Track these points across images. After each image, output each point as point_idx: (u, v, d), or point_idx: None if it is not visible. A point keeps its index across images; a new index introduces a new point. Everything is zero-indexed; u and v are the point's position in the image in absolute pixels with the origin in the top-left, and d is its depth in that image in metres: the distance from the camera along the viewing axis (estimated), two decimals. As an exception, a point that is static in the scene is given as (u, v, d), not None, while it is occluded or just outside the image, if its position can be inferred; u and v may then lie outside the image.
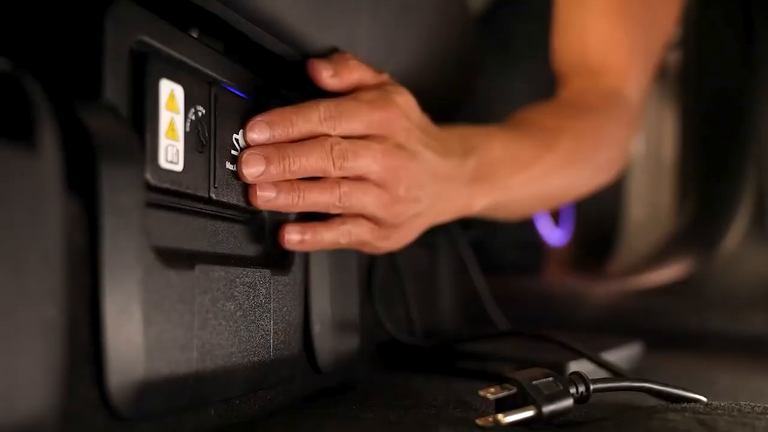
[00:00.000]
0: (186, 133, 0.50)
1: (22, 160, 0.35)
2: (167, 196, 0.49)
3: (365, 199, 0.62)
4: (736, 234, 1.36)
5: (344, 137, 0.60)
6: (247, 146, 0.56)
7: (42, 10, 0.46)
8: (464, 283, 1.05)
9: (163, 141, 0.48)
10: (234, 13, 0.53)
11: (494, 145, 0.77)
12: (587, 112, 0.93)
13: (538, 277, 1.53)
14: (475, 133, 0.77)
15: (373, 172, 0.61)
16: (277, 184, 0.56)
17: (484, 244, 1.17)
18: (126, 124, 0.45)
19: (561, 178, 0.88)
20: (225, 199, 0.54)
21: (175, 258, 0.48)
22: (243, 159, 0.55)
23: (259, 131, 0.55)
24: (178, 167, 0.49)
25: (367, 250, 0.68)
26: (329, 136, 0.59)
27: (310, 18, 0.59)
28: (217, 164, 0.53)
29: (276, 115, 0.57)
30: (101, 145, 0.42)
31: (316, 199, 0.58)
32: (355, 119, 0.60)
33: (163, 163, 0.47)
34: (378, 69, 0.66)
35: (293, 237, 0.59)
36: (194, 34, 0.55)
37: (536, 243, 1.49)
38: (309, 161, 0.57)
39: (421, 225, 0.71)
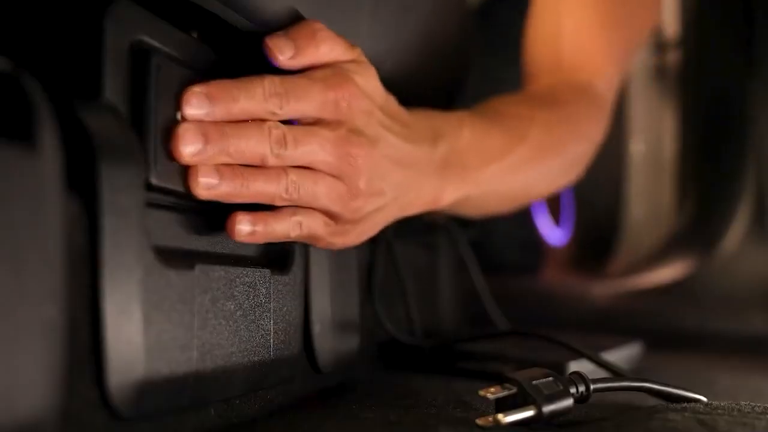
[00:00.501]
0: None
1: (22, 160, 0.35)
2: (168, 196, 0.49)
3: (317, 191, 0.56)
4: (736, 234, 1.36)
5: (291, 121, 0.55)
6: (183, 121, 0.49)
7: (42, 10, 0.46)
8: (464, 282, 1.05)
9: (164, 141, 0.47)
10: (234, 14, 0.52)
11: (463, 131, 0.71)
12: (558, 104, 0.89)
13: (538, 277, 1.53)
14: (444, 117, 0.72)
15: (321, 162, 0.55)
16: (219, 170, 0.50)
17: (484, 244, 1.17)
18: (126, 123, 0.45)
19: (531, 171, 0.83)
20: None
21: (175, 258, 0.48)
22: (179, 133, 0.48)
23: (197, 104, 0.49)
24: (180, 168, 0.49)
25: (321, 245, 0.61)
26: (273, 118, 0.53)
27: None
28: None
29: (216, 87, 0.50)
30: (101, 145, 0.42)
31: (261, 188, 0.52)
32: (305, 99, 0.54)
33: (164, 162, 0.47)
34: (352, 43, 0.59)
35: (244, 228, 0.52)
36: (194, 34, 0.55)
37: (536, 243, 1.49)
38: (247, 145, 0.51)
39: (385, 219, 0.65)
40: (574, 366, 0.78)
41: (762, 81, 1.32)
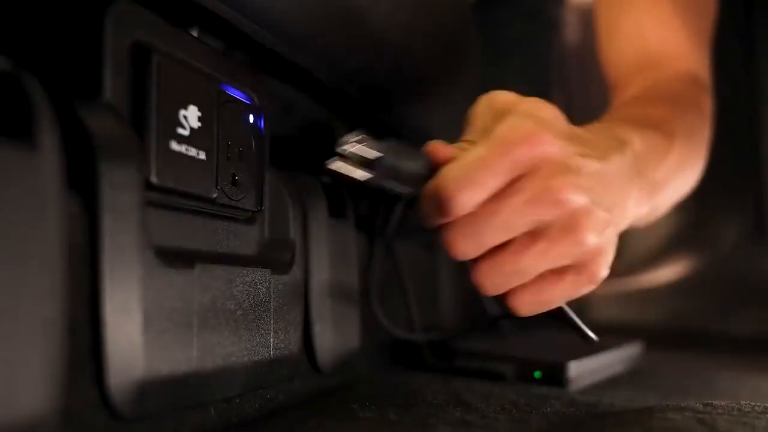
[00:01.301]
0: (188, 133, 0.50)
1: (22, 160, 0.35)
2: (169, 195, 0.49)
3: (544, 257, 0.54)
4: (736, 233, 1.36)
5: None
6: None
7: (42, 10, 0.46)
8: (465, 282, 1.05)
9: (164, 140, 0.47)
10: (236, 13, 0.53)
11: (633, 137, 0.67)
12: (676, 96, 0.87)
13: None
14: (611, 126, 0.68)
15: (525, 224, 0.53)
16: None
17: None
18: (126, 123, 0.45)
19: (685, 166, 0.81)
20: (227, 200, 0.54)
21: (175, 257, 0.48)
22: None
23: None
24: (180, 167, 0.49)
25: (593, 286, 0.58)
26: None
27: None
28: (220, 165, 0.53)
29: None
30: (101, 144, 0.42)
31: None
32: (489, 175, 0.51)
33: (165, 162, 0.47)
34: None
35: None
36: (195, 33, 0.55)
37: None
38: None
39: (613, 239, 0.59)
40: (574, 366, 0.78)
41: (763, 82, 1.32)
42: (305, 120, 0.82)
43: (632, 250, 1.45)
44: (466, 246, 0.53)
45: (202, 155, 0.51)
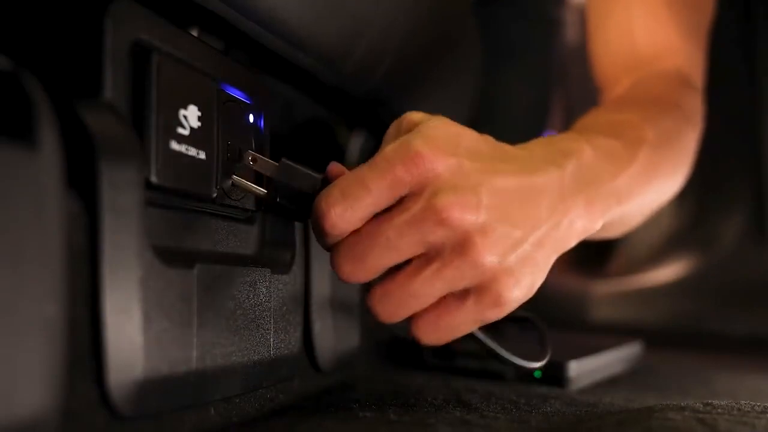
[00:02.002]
0: (188, 133, 0.50)
1: (22, 159, 0.35)
2: (169, 195, 0.49)
3: (439, 281, 0.51)
4: (734, 233, 1.36)
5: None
6: None
7: (42, 9, 0.46)
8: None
9: (164, 140, 0.47)
10: (233, 12, 0.53)
11: (584, 147, 0.63)
12: (657, 97, 0.84)
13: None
14: (560, 138, 0.64)
15: (417, 244, 0.51)
16: None
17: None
18: (126, 122, 0.45)
19: (658, 172, 0.76)
20: (227, 199, 0.54)
21: (175, 257, 0.48)
22: None
23: None
24: (180, 167, 0.49)
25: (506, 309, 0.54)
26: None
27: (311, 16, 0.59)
28: (220, 165, 0.53)
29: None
30: (101, 143, 0.42)
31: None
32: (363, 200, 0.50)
33: (165, 162, 0.47)
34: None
35: None
36: (194, 33, 0.55)
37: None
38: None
39: (547, 256, 0.56)
40: (574, 366, 0.78)
41: (762, 81, 1.32)
42: (305, 119, 0.83)
43: (632, 250, 1.45)
44: (352, 267, 0.51)
45: (202, 155, 0.51)
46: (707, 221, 1.39)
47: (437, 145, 0.51)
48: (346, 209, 0.49)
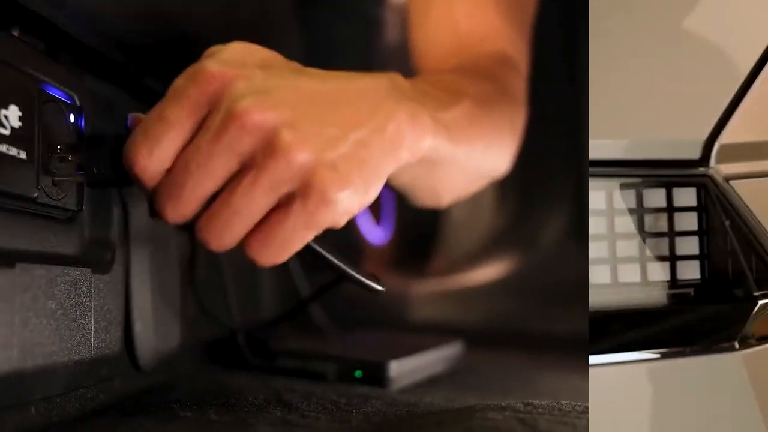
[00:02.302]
0: (9, 133, 0.49)
1: None
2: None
3: (251, 196, 0.49)
4: (556, 233, 1.39)
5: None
6: None
7: None
8: (286, 280, 1.05)
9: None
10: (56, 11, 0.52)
11: (404, 80, 0.61)
12: (482, 70, 0.82)
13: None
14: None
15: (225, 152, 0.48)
16: None
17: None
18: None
19: (480, 135, 0.73)
20: (48, 199, 0.54)
21: (-5, 256, 0.48)
22: None
23: None
24: (0, 167, 0.48)
25: (330, 211, 0.50)
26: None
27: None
28: (40, 165, 0.53)
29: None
30: None
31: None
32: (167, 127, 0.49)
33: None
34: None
35: None
36: (15, 33, 0.54)
37: (356, 241, 1.49)
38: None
39: (379, 154, 0.53)
40: (395, 366, 0.80)
41: (582, 81, 1.36)
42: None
43: (454, 250, 1.47)
44: (172, 206, 0.49)
45: (23, 155, 0.50)
46: (529, 221, 1.41)
47: (227, 61, 0.50)
48: (152, 149, 0.48)
